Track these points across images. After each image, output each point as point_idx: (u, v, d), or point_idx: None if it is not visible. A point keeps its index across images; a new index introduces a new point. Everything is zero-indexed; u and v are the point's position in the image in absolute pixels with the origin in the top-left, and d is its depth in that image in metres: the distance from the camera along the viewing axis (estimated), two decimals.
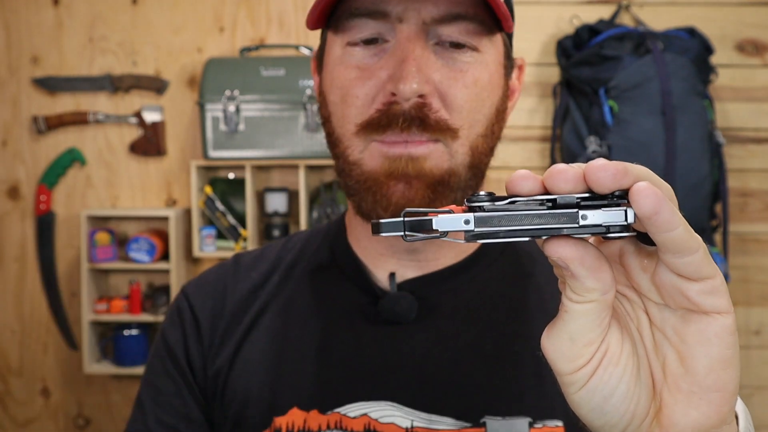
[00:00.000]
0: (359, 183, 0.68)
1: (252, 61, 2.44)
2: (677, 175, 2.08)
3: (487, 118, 0.69)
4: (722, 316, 0.38)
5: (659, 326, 0.41)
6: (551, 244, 0.37)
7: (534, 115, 2.45)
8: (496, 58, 0.70)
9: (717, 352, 0.38)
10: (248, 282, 0.78)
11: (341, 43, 0.69)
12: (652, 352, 0.41)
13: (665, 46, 2.15)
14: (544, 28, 2.43)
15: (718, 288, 0.38)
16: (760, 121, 2.42)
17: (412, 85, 0.63)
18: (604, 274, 0.38)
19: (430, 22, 0.65)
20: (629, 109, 2.11)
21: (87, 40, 2.56)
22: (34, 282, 2.61)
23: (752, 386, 2.47)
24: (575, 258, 0.37)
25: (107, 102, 2.57)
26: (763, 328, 2.48)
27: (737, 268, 2.42)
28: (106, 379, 2.60)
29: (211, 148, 2.41)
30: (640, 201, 0.35)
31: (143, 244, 2.44)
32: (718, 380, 0.39)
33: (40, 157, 2.58)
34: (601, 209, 0.36)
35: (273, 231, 2.45)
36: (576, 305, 0.39)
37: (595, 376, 0.40)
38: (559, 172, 0.36)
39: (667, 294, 0.39)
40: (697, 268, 0.37)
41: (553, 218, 0.36)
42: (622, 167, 0.36)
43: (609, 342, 0.40)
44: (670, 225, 0.35)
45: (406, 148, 0.66)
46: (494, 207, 0.37)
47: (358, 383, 0.69)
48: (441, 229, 0.37)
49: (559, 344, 0.40)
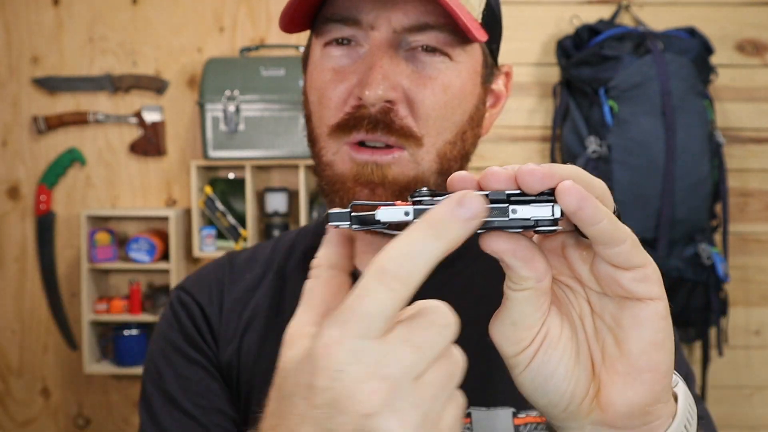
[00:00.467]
0: (329, 184, 0.72)
1: (252, 61, 2.44)
2: (677, 175, 2.08)
3: (456, 125, 0.71)
4: (654, 302, 0.42)
5: (599, 313, 0.44)
6: (485, 239, 0.40)
7: (534, 115, 2.45)
8: (470, 66, 0.71)
9: (649, 335, 0.42)
10: (243, 283, 0.79)
11: (320, 44, 0.71)
12: (593, 337, 0.44)
13: (665, 46, 2.16)
14: (544, 28, 2.43)
15: (649, 276, 0.41)
16: (760, 121, 2.42)
17: (376, 91, 0.65)
18: (537, 263, 0.41)
19: (400, 31, 0.67)
20: (629, 109, 2.11)
21: (87, 40, 2.56)
22: (34, 282, 2.61)
23: (752, 386, 2.47)
24: (507, 250, 0.40)
25: (107, 102, 2.57)
26: (763, 328, 2.48)
27: (737, 268, 2.42)
28: (106, 379, 2.60)
29: (211, 148, 2.41)
30: (565, 198, 0.38)
31: (143, 244, 2.44)
32: (651, 361, 0.42)
33: (40, 157, 2.58)
34: (530, 204, 0.39)
35: (273, 231, 2.45)
36: (515, 293, 0.42)
37: (537, 358, 0.43)
38: (492, 174, 0.39)
39: (604, 283, 0.42)
40: (627, 258, 0.40)
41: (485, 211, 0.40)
42: (549, 170, 0.39)
43: (549, 326, 0.43)
44: (594, 219, 0.38)
45: (372, 155, 0.68)
46: (433, 201, 0.39)
47: None
48: (383, 220, 0.39)
49: (503, 329, 0.43)
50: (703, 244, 2.15)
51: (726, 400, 2.45)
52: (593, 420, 0.44)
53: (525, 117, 2.44)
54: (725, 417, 2.44)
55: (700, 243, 2.15)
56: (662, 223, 2.09)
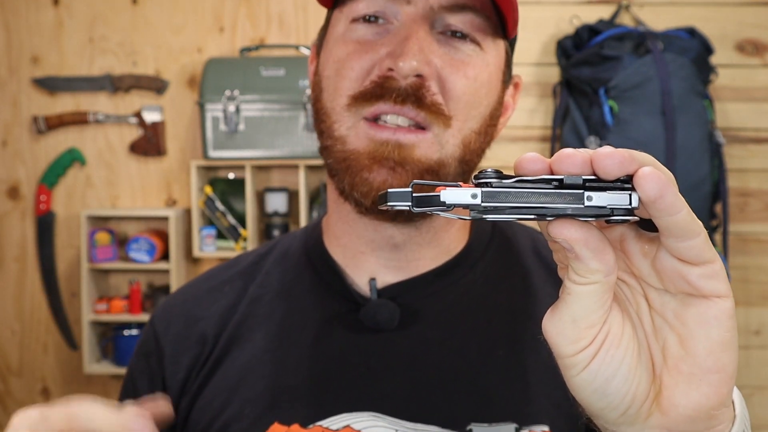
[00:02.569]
0: (339, 162, 0.67)
1: (252, 61, 2.44)
2: (677, 175, 2.07)
3: (482, 116, 0.68)
4: (722, 300, 0.39)
5: (659, 311, 0.41)
6: (556, 226, 0.38)
7: (534, 115, 2.45)
8: (496, 61, 0.69)
9: (717, 334, 0.39)
10: (223, 299, 0.75)
11: (345, 20, 0.68)
12: (652, 336, 0.42)
13: (665, 46, 2.16)
14: (544, 28, 2.43)
15: (717, 272, 0.39)
16: (760, 121, 2.42)
17: (411, 62, 0.63)
18: (608, 256, 0.38)
19: (437, 9, 0.65)
20: (629, 109, 2.11)
21: (87, 40, 2.56)
22: (34, 282, 2.61)
23: (752, 386, 2.47)
24: (579, 239, 0.38)
25: (107, 102, 2.57)
26: (763, 328, 2.48)
27: (737, 268, 2.42)
28: (106, 379, 2.60)
29: (211, 148, 2.41)
30: (645, 185, 0.36)
31: (143, 244, 2.44)
32: (718, 362, 0.39)
33: (40, 157, 2.58)
34: (606, 192, 0.37)
35: (273, 231, 2.45)
36: (579, 287, 0.39)
37: (597, 358, 0.40)
38: (567, 156, 0.37)
39: (668, 279, 0.40)
40: (699, 252, 0.38)
41: (559, 197, 0.37)
42: (628, 155, 0.37)
43: (611, 324, 0.41)
44: (674, 208, 0.36)
45: (395, 134, 0.65)
46: (502, 184, 0.37)
47: (340, 394, 0.66)
48: (448, 202, 0.37)
49: (561, 326, 0.40)
50: None
51: None
52: (652, 424, 0.41)
53: (525, 117, 2.44)
54: None
55: None
56: None
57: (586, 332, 0.40)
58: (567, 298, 0.40)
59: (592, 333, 0.40)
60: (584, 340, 0.40)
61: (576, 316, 0.40)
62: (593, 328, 0.40)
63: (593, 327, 0.40)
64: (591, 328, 0.40)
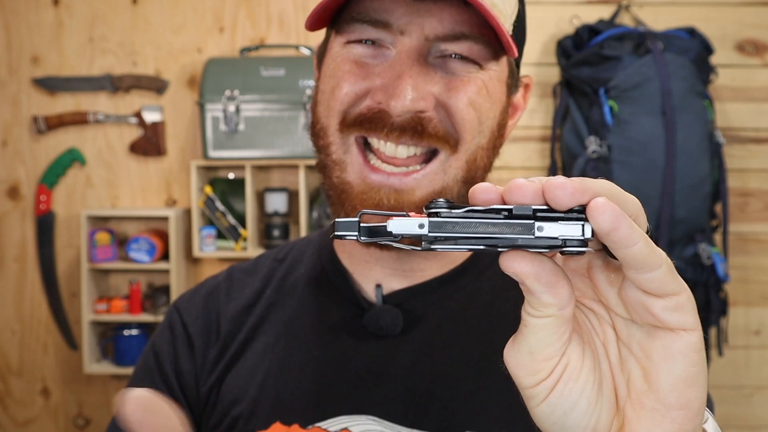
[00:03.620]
0: (334, 189, 0.68)
1: (252, 61, 2.44)
2: (677, 175, 2.08)
3: (490, 130, 0.68)
4: (687, 333, 0.38)
5: (625, 341, 0.40)
6: (506, 258, 0.37)
7: (534, 115, 2.45)
8: (498, 75, 0.68)
9: (681, 369, 0.38)
10: (242, 299, 0.76)
11: (340, 42, 0.68)
12: (617, 367, 0.41)
13: (665, 46, 2.15)
14: (544, 28, 2.43)
15: (683, 304, 0.37)
16: (760, 121, 2.42)
17: (404, 102, 0.62)
18: (561, 289, 0.37)
19: (432, 39, 0.64)
20: (629, 109, 2.11)
21: (87, 40, 2.56)
22: (34, 282, 2.61)
23: (752, 386, 2.47)
24: (530, 273, 0.36)
25: (107, 102, 2.57)
26: (763, 328, 2.47)
27: (737, 268, 2.42)
28: (106, 379, 2.60)
29: (211, 148, 2.41)
30: (598, 216, 0.34)
31: (143, 244, 2.44)
32: (682, 398, 0.38)
33: (40, 157, 2.58)
34: (557, 222, 0.36)
35: (273, 231, 2.45)
36: (534, 319, 0.38)
37: (556, 391, 0.39)
38: (518, 186, 0.36)
39: (633, 309, 0.39)
40: (660, 285, 0.37)
41: (508, 227, 0.36)
42: (580, 184, 0.35)
43: (569, 356, 0.40)
44: (629, 241, 0.35)
45: (388, 179, 0.65)
46: (450, 213, 0.36)
47: (340, 397, 0.67)
48: (395, 232, 0.36)
49: (519, 358, 0.39)
50: (703, 244, 2.15)
51: (726, 400, 2.45)
52: None
53: (525, 117, 2.43)
54: (725, 417, 2.44)
55: (700, 243, 2.15)
56: (662, 223, 2.09)
57: (543, 364, 0.39)
58: (524, 329, 0.39)
59: (549, 365, 0.39)
60: (542, 373, 0.39)
61: (533, 349, 0.39)
62: (550, 361, 0.39)
63: (550, 359, 0.39)
64: (548, 361, 0.39)
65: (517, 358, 0.40)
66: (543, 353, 0.39)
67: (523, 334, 0.39)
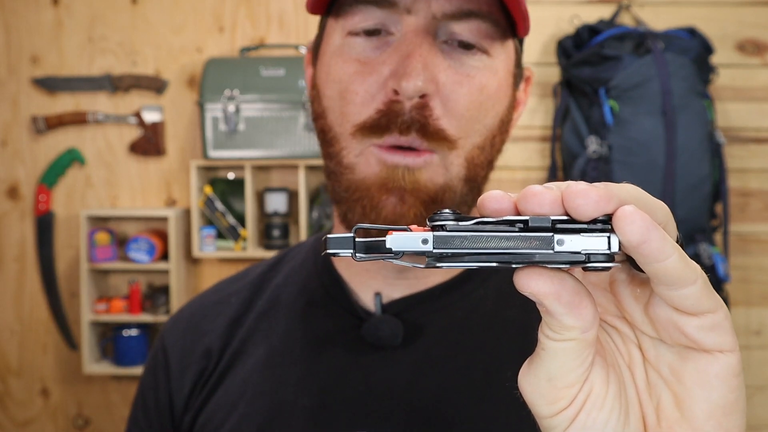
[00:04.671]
0: (348, 191, 0.64)
1: (252, 61, 2.44)
2: (677, 175, 2.08)
3: (488, 128, 0.65)
4: (725, 355, 0.34)
5: (653, 363, 0.36)
6: (521, 276, 0.32)
7: (534, 115, 2.44)
8: (506, 66, 0.66)
9: (718, 395, 0.34)
10: (229, 310, 0.73)
11: (341, 31, 0.64)
12: (645, 392, 0.37)
13: (666, 45, 2.15)
14: (544, 28, 2.43)
15: (720, 323, 0.33)
16: (760, 121, 2.42)
17: (416, 82, 0.59)
18: (585, 310, 0.33)
19: (440, 17, 0.61)
20: (629, 108, 2.11)
21: (87, 39, 2.55)
22: (34, 282, 2.61)
23: (752, 386, 2.46)
24: (550, 293, 0.32)
25: (107, 102, 2.56)
26: (763, 328, 2.47)
27: (738, 268, 2.41)
28: (105, 379, 2.59)
29: (210, 148, 2.41)
30: (626, 228, 0.30)
31: (143, 244, 2.44)
32: (720, 428, 0.34)
33: (39, 157, 2.58)
34: (580, 234, 0.31)
35: (273, 231, 2.44)
36: (553, 343, 0.34)
37: (578, 421, 0.35)
38: (534, 194, 0.32)
39: (662, 328, 0.35)
40: (695, 302, 0.32)
41: (523, 242, 0.32)
42: (606, 192, 0.31)
43: (592, 383, 0.36)
44: (661, 254, 0.31)
45: (404, 158, 0.62)
46: (458, 227, 0.32)
47: (338, 413, 0.64)
48: (395, 249, 0.32)
49: (537, 384, 0.35)
50: (703, 244, 2.15)
51: None
52: None
53: (525, 117, 2.44)
54: None
55: (700, 243, 2.15)
56: None
57: (564, 392, 0.35)
58: (541, 353, 0.35)
59: (571, 393, 0.35)
60: (563, 401, 0.35)
61: (552, 375, 0.35)
62: (572, 388, 0.35)
63: (572, 387, 0.35)
64: (569, 388, 0.35)
65: (534, 385, 0.35)
66: (564, 380, 0.35)
67: (541, 359, 0.35)
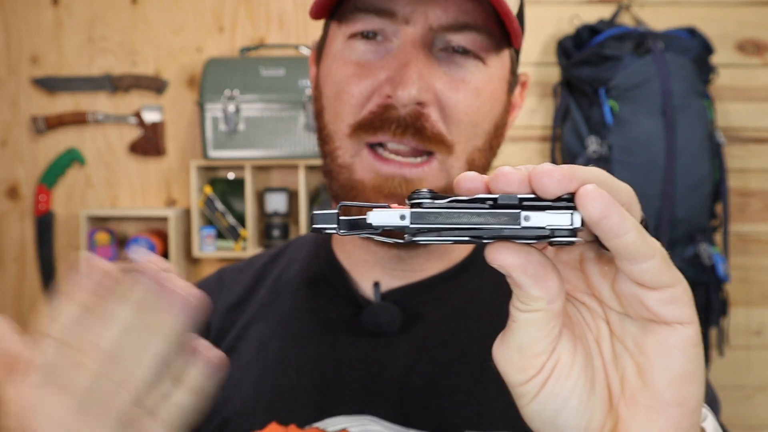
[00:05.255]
0: (344, 189, 0.67)
1: (252, 61, 2.44)
2: (677, 175, 2.08)
3: (486, 132, 0.67)
4: (684, 327, 0.36)
5: (619, 336, 0.39)
6: (491, 250, 0.35)
7: (534, 115, 2.44)
8: (501, 73, 0.68)
9: (678, 364, 0.37)
10: (231, 296, 0.76)
11: (343, 35, 0.67)
12: (611, 363, 0.39)
13: (666, 45, 2.15)
14: (544, 28, 2.43)
15: (679, 297, 0.36)
16: (760, 121, 2.42)
17: (411, 91, 0.61)
18: (550, 282, 0.36)
19: (437, 29, 0.64)
20: (630, 108, 2.11)
21: (86, 39, 2.55)
22: (34, 282, 2.60)
23: (752, 386, 2.46)
24: (516, 265, 0.35)
25: (107, 102, 2.56)
26: (763, 328, 2.47)
27: (738, 268, 2.41)
28: None
29: (210, 148, 2.41)
30: (587, 204, 0.33)
31: (143, 244, 2.44)
32: (678, 395, 0.37)
33: (39, 157, 2.58)
34: (545, 211, 0.34)
35: (273, 231, 2.44)
36: (522, 314, 0.37)
37: (546, 388, 0.38)
38: (504, 174, 0.35)
39: (627, 303, 0.37)
40: (654, 276, 0.35)
41: (493, 217, 0.34)
42: (569, 171, 0.34)
43: (560, 353, 0.38)
44: (620, 230, 0.33)
45: (400, 169, 0.64)
46: (433, 204, 0.35)
47: (338, 397, 0.66)
48: (375, 224, 0.35)
49: (508, 355, 0.38)
50: (703, 244, 2.15)
51: (726, 400, 2.45)
52: None
53: (525, 117, 2.44)
54: (726, 417, 2.43)
55: (700, 243, 2.15)
56: (662, 223, 2.08)
57: (533, 361, 0.38)
58: (512, 325, 0.38)
59: (539, 362, 0.38)
60: (531, 370, 0.38)
61: (521, 345, 0.37)
62: (540, 357, 0.38)
63: (540, 356, 0.38)
64: (538, 357, 0.38)
65: (506, 355, 0.38)
66: (532, 349, 0.37)
67: (512, 330, 0.38)
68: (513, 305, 0.37)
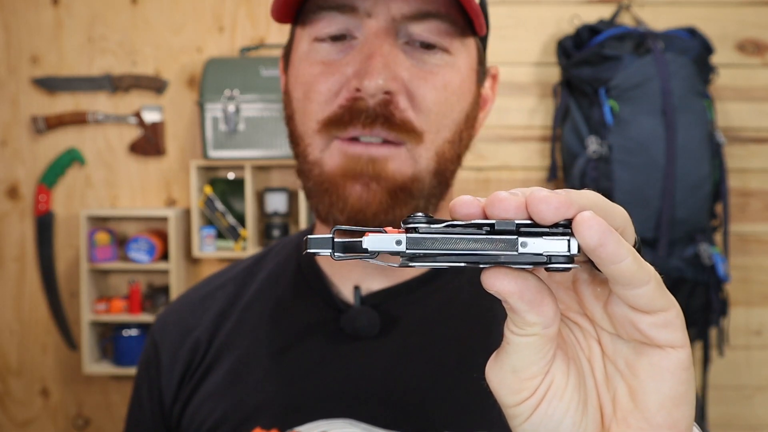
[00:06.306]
0: (317, 184, 0.67)
1: (252, 61, 2.44)
2: (678, 175, 2.08)
3: (455, 123, 0.68)
4: (676, 351, 0.37)
5: (611, 357, 0.39)
6: (488, 276, 0.35)
7: (534, 115, 2.44)
8: (467, 63, 0.68)
9: (669, 387, 0.37)
10: (216, 305, 0.76)
11: (308, 38, 0.67)
12: (603, 384, 0.40)
13: (666, 45, 2.15)
14: (544, 28, 2.43)
15: (671, 321, 0.36)
16: (760, 121, 2.42)
17: (377, 81, 0.62)
18: (546, 308, 0.36)
19: (399, 19, 0.64)
20: (629, 108, 2.11)
21: (86, 39, 2.55)
22: (34, 282, 2.60)
23: (752, 386, 2.46)
24: (513, 292, 0.35)
25: (107, 102, 2.56)
26: (763, 328, 2.47)
27: (738, 268, 2.41)
28: (105, 380, 2.59)
29: (210, 148, 2.41)
30: (584, 232, 0.33)
31: (143, 244, 2.44)
32: (669, 418, 0.37)
33: (39, 157, 2.58)
34: (542, 237, 0.34)
35: (273, 231, 2.45)
36: (517, 338, 0.37)
37: (539, 410, 0.38)
38: (500, 200, 0.34)
39: (620, 325, 0.38)
40: (648, 301, 0.35)
41: (490, 244, 0.34)
42: (566, 198, 0.34)
43: (553, 374, 0.38)
44: (616, 257, 0.34)
45: (367, 149, 0.64)
46: (429, 229, 0.35)
47: (318, 401, 0.67)
48: (371, 249, 0.35)
49: (502, 376, 0.38)
50: (703, 244, 2.15)
51: (726, 400, 2.45)
52: None
53: (525, 117, 2.44)
54: (725, 417, 2.44)
55: (700, 243, 2.15)
56: (663, 223, 2.08)
57: (527, 383, 0.38)
58: (507, 347, 0.38)
59: (533, 384, 0.38)
60: (525, 392, 0.38)
61: (516, 367, 0.38)
62: (534, 379, 0.38)
63: (534, 378, 0.38)
64: (532, 379, 0.38)
65: (500, 376, 0.38)
66: (526, 372, 0.38)
67: (506, 352, 0.38)
68: (508, 328, 0.37)
